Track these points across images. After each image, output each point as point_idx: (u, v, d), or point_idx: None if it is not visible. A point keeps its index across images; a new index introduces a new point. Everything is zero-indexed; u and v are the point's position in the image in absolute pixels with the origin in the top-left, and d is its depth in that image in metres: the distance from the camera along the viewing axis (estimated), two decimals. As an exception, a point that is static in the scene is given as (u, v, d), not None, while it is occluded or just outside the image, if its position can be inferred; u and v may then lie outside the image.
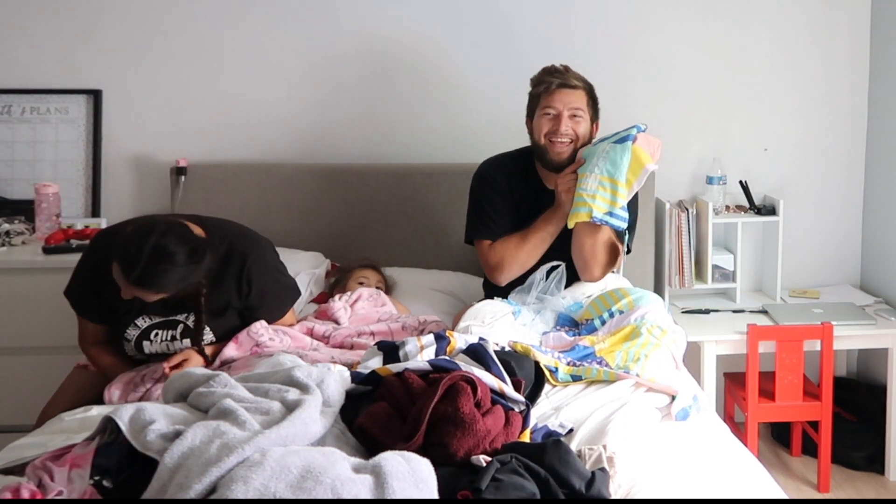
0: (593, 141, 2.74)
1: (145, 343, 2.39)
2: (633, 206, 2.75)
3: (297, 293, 2.63)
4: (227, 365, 2.36)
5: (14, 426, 2.77)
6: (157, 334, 2.40)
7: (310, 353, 2.36)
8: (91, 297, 2.39)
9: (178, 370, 2.19)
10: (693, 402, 2.14)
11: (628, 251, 2.85)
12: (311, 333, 2.54)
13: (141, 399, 2.25)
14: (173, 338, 2.39)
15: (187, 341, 2.39)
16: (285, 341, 2.45)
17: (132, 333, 2.39)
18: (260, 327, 2.41)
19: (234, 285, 2.42)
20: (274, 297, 2.52)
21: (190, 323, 2.40)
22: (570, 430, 1.92)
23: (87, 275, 2.40)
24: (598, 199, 2.59)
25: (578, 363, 2.26)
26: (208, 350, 2.40)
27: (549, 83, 2.70)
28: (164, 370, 2.27)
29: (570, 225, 2.64)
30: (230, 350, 2.38)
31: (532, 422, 1.88)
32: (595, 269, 2.70)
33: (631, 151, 2.58)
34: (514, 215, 2.78)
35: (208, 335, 2.41)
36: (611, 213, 2.60)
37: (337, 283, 2.96)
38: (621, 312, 2.50)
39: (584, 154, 2.69)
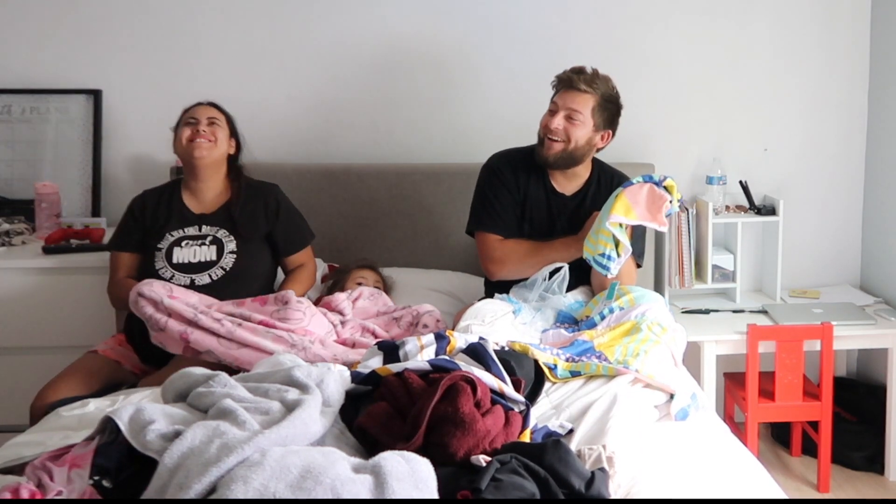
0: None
1: (175, 249, 2.70)
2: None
3: (313, 234, 2.95)
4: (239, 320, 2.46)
5: (13, 426, 2.76)
6: (187, 243, 2.72)
7: (313, 348, 2.36)
8: (129, 229, 2.79)
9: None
10: (692, 402, 2.14)
11: (639, 266, 2.85)
12: None
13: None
14: (202, 244, 2.73)
15: (213, 248, 2.71)
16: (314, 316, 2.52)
17: (165, 242, 2.72)
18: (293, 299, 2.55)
19: (262, 205, 2.82)
20: (299, 224, 2.89)
21: (219, 235, 2.74)
22: (571, 431, 1.92)
23: (128, 216, 2.81)
24: (589, 240, 2.58)
25: (577, 358, 2.26)
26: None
27: (560, 80, 2.73)
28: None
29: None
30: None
31: (532, 422, 1.88)
32: None
33: (614, 199, 2.52)
34: (519, 210, 2.78)
35: (231, 243, 2.72)
36: (593, 258, 2.54)
37: (335, 284, 2.96)
38: (621, 309, 2.50)
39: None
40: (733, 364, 3.33)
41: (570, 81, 2.69)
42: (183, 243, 2.72)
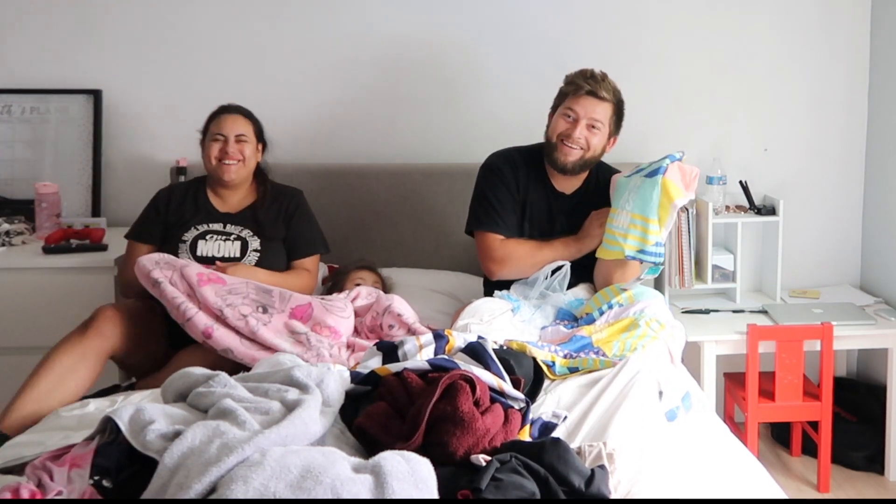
0: (626, 173, 2.71)
1: (200, 242, 2.73)
2: None
3: (328, 247, 2.94)
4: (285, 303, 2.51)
5: (14, 426, 2.77)
6: (212, 236, 2.76)
7: (326, 356, 2.36)
8: (150, 221, 2.80)
9: (226, 268, 2.61)
10: (681, 403, 2.13)
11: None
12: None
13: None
14: (226, 240, 2.75)
15: (238, 244, 2.74)
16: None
17: (190, 235, 2.75)
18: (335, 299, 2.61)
19: (284, 208, 2.84)
20: (311, 231, 2.88)
21: (243, 234, 2.76)
22: (564, 418, 1.92)
23: (151, 207, 2.83)
24: (630, 237, 2.59)
25: (575, 354, 2.26)
26: (262, 275, 2.67)
27: (579, 86, 2.68)
28: (217, 264, 2.64)
29: (604, 257, 2.66)
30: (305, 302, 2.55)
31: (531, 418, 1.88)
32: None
33: (660, 186, 2.55)
34: (519, 210, 2.78)
35: (255, 242, 2.75)
36: (643, 251, 2.58)
37: (334, 285, 2.96)
38: (620, 305, 2.51)
39: (618, 185, 2.68)
40: (733, 364, 3.33)
41: (592, 89, 2.65)
42: (208, 237, 2.75)
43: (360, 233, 3.31)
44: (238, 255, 2.75)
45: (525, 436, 1.80)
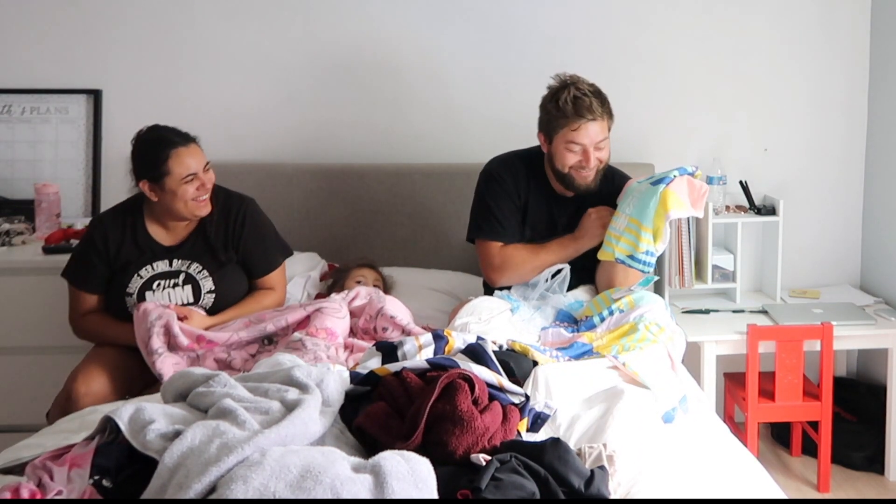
0: (639, 179, 2.71)
1: (147, 293, 2.52)
2: None
3: (290, 250, 2.79)
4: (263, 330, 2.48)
5: (14, 426, 2.77)
6: (159, 284, 2.54)
7: (323, 358, 2.36)
8: (93, 266, 2.57)
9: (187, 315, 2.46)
10: (679, 405, 2.13)
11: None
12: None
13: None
14: (175, 285, 2.54)
15: (189, 288, 2.55)
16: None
17: (135, 286, 2.53)
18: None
19: (231, 224, 2.62)
20: (265, 245, 2.69)
21: (191, 271, 2.56)
22: (555, 410, 1.94)
23: (89, 248, 2.58)
24: (623, 241, 2.59)
25: (575, 360, 2.26)
26: (214, 318, 2.53)
27: (577, 118, 2.59)
28: (171, 308, 2.46)
29: (600, 258, 2.66)
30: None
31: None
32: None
33: (659, 196, 2.55)
34: (519, 216, 2.78)
35: (207, 281, 2.56)
36: (632, 257, 2.58)
37: (335, 283, 2.96)
38: (621, 311, 2.50)
39: (627, 189, 2.68)
40: (733, 364, 3.33)
41: (592, 118, 2.59)
42: (154, 285, 2.55)
43: (360, 233, 3.31)
44: (191, 300, 2.56)
45: (523, 427, 1.81)
